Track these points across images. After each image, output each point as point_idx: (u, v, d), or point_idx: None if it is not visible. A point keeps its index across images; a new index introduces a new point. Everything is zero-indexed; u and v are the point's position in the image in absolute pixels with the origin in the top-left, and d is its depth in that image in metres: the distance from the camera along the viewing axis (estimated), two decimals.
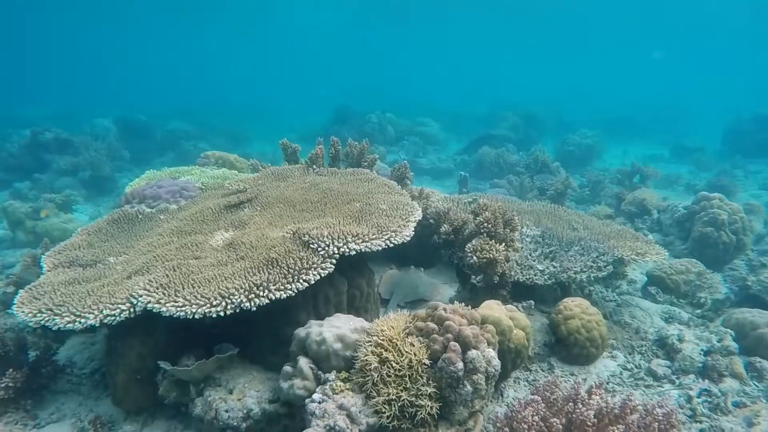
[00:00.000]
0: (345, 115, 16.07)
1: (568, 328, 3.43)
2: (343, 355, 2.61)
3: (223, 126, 16.81)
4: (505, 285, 3.50)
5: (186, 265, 3.03)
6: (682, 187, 10.60)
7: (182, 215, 3.95)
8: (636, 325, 3.96)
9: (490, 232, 3.40)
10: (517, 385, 3.29)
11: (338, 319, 2.78)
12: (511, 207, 4.80)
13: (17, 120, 15.65)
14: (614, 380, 3.33)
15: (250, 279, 2.72)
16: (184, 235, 3.60)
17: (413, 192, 4.59)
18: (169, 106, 21.70)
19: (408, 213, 3.41)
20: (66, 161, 9.06)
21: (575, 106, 23.55)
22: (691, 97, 26.29)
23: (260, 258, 2.91)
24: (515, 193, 8.89)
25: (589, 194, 9.23)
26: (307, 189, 3.92)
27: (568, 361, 3.47)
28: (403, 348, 2.45)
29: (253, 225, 3.52)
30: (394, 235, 3.11)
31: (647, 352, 3.62)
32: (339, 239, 2.93)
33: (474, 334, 2.44)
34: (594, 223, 4.69)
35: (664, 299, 4.53)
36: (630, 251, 3.99)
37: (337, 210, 3.45)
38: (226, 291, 2.65)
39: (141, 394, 2.87)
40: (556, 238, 4.28)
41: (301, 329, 2.76)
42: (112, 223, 4.01)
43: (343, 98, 20.36)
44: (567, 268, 3.84)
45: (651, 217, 6.55)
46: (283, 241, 3.03)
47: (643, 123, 20.40)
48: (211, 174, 5.01)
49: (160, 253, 3.28)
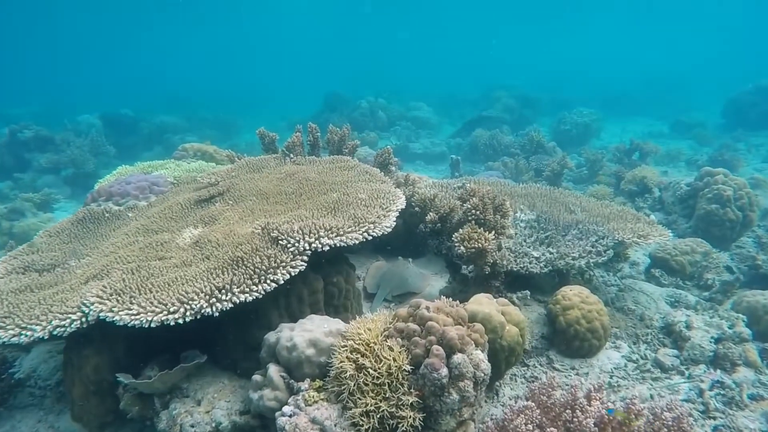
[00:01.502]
0: (335, 102, 15.69)
1: (567, 320, 3.17)
2: (317, 361, 2.36)
3: (213, 118, 16.44)
4: (497, 275, 3.25)
5: (147, 268, 2.77)
6: (683, 162, 10.30)
7: (151, 212, 3.68)
8: (640, 312, 3.72)
9: (478, 220, 3.13)
10: (513, 383, 3.05)
11: (311, 321, 2.52)
12: (503, 190, 4.52)
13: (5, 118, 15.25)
14: (618, 373, 3.09)
15: (213, 281, 2.46)
16: (150, 234, 3.34)
17: (399, 178, 4.32)
18: (157, 100, 21.31)
19: (389, 202, 3.14)
20: (47, 159, 8.75)
21: (571, 85, 23.14)
22: (689, 71, 25.79)
23: (225, 257, 2.65)
24: (510, 175, 8.60)
25: (587, 174, 8.94)
26: (282, 180, 3.64)
27: (568, 354, 3.22)
28: (381, 353, 2.20)
29: (223, 220, 3.25)
30: (372, 226, 2.84)
31: (653, 341, 3.38)
32: (311, 234, 2.66)
33: (460, 335, 2.19)
34: (592, 205, 4.42)
35: (669, 282, 4.29)
36: (631, 234, 3.72)
37: (312, 201, 3.18)
38: (185, 296, 2.39)
39: (101, 409, 2.63)
40: (552, 222, 4.01)
41: (271, 333, 2.51)
42: (77, 223, 3.74)
43: (334, 85, 19.93)
44: (564, 254, 3.58)
45: (652, 195, 6.26)
46: (251, 238, 2.76)
47: (641, 99, 19.99)
48: (186, 167, 4.73)
49: (122, 255, 3.02)
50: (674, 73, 24.65)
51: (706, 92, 19.87)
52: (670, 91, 20.79)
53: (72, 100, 20.34)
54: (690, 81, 23.07)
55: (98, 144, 9.41)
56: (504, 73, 26.56)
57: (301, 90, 24.89)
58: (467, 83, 24.07)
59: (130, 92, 24.29)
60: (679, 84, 22.32)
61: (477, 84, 22.38)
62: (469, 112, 15.77)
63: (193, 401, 2.62)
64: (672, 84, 22.20)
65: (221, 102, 20.34)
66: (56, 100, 20.85)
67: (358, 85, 21.66)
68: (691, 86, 22.04)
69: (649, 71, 25.33)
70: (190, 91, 24.37)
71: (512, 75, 24.93)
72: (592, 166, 8.85)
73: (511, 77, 22.47)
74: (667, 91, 20.92)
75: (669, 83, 22.30)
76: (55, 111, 16.94)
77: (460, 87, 23.34)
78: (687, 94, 20.52)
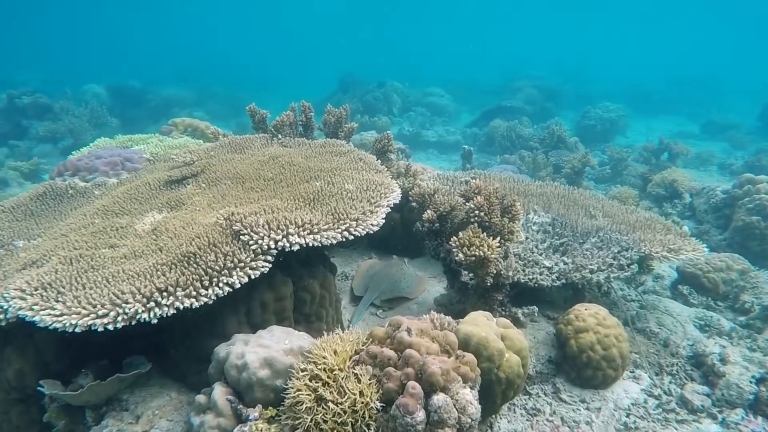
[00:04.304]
0: (350, 83, 15.13)
1: (580, 344, 2.71)
2: (271, 385, 1.95)
3: (224, 93, 16.02)
4: (501, 287, 2.79)
5: (90, 257, 2.38)
6: (715, 166, 9.61)
7: (117, 192, 3.29)
8: (664, 336, 3.23)
9: (482, 222, 2.67)
10: (511, 414, 2.61)
11: (271, 334, 2.11)
12: (515, 188, 4.03)
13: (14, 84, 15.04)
14: (637, 411, 2.63)
15: (155, 281, 2.05)
16: (109, 216, 2.94)
17: (399, 168, 3.86)
18: (170, 72, 20.98)
19: (379, 195, 2.69)
20: (45, 127, 8.43)
21: (596, 80, 22.21)
22: (721, 71, 24.58)
23: (177, 251, 2.24)
24: (527, 170, 8.05)
25: (610, 173, 8.34)
26: (264, 163, 3.21)
27: (579, 383, 2.77)
28: (347, 384, 1.77)
29: (190, 206, 2.84)
30: (354, 224, 2.40)
31: (679, 374, 2.90)
32: (278, 229, 2.23)
33: (444, 369, 1.75)
34: (616, 210, 3.91)
35: (699, 301, 3.79)
36: (660, 246, 3.23)
37: (290, 190, 2.75)
38: (119, 297, 1.99)
39: (24, 420, 2.26)
40: (569, 227, 3.53)
41: (222, 347, 2.10)
42: (36, 199, 3.36)
43: (352, 67, 19.35)
44: (581, 266, 3.10)
45: (682, 201, 5.69)
46: (210, 230, 2.34)
47: (670, 97, 19.06)
48: (169, 143, 4.33)
49: (71, 239, 2.63)
50: (706, 71, 23.54)
51: (741, 93, 18.88)
52: (701, 91, 19.81)
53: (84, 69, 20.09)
54: (722, 81, 21.97)
55: (98, 114, 9.07)
56: (527, 63, 25.62)
57: (318, 71, 24.39)
58: (489, 71, 23.29)
59: (143, 63, 24.05)
60: (711, 83, 21.29)
61: (499, 72, 21.62)
62: (489, 101, 15.07)
63: (131, 416, 2.23)
64: (703, 83, 21.19)
65: (234, 80, 19.91)
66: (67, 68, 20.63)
67: (375, 68, 21.08)
68: (723, 86, 20.97)
69: (679, 69, 24.27)
70: (203, 66, 23.99)
71: (536, 65, 24.00)
72: (616, 165, 8.25)
73: (534, 67, 21.58)
74: (698, 90, 19.95)
75: (700, 82, 21.28)
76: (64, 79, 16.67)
77: (481, 74, 22.60)
78: (719, 94, 19.52)
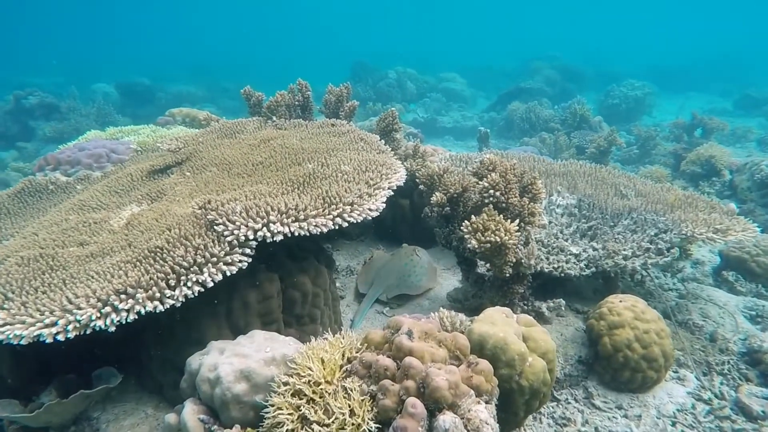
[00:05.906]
0: (362, 71, 14.75)
1: (615, 342, 2.34)
2: (250, 401, 1.65)
3: (235, 88, 15.83)
4: (522, 278, 2.43)
5: (52, 257, 2.12)
6: (753, 142, 8.96)
7: (98, 185, 3.04)
8: (711, 329, 2.83)
9: (498, 203, 2.31)
10: (537, 424, 2.27)
11: (251, 340, 1.80)
12: (536, 167, 3.65)
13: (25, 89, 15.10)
14: (684, 419, 2.25)
15: (113, 281, 1.77)
16: (86, 211, 2.68)
17: (407, 149, 3.52)
18: (181, 69, 20.91)
19: (380, 176, 2.36)
20: (51, 128, 8.32)
21: (618, 59, 21.31)
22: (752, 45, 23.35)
23: (144, 247, 1.95)
24: (548, 152, 7.60)
25: (638, 153, 7.80)
26: (254, 147, 2.91)
27: (614, 387, 2.40)
28: (334, 402, 1.46)
29: (171, 196, 2.56)
30: (349, 209, 2.07)
31: (732, 373, 2.50)
32: (257, 217, 1.92)
33: (452, 382, 1.42)
34: (650, 188, 3.50)
35: (747, 289, 3.36)
36: (705, 227, 2.82)
37: (279, 174, 2.43)
38: (72, 302, 1.71)
39: None
40: (597, 209, 3.14)
41: (195, 357, 1.81)
42: (14, 196, 3.14)
43: (363, 55, 18.94)
44: (613, 252, 2.71)
45: (721, 178, 5.19)
46: (185, 221, 2.05)
47: (697, 74, 18.15)
48: (161, 133, 4.07)
49: (40, 238, 2.38)
50: (735, 46, 22.37)
51: None
52: (731, 67, 18.77)
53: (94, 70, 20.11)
54: (754, 55, 20.83)
55: (105, 113, 8.93)
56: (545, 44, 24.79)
57: (329, 61, 24.00)
58: (505, 55, 22.60)
59: (155, 62, 24.01)
60: (742, 59, 20.18)
61: (516, 56, 20.92)
62: (506, 84, 14.53)
63: None
64: (734, 59, 20.09)
65: (245, 74, 19.69)
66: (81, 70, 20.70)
67: (388, 55, 20.63)
68: (755, 61, 19.86)
69: (706, 44, 23.15)
70: (215, 62, 23.92)
71: (554, 46, 23.16)
72: (643, 144, 7.71)
73: (552, 48, 20.82)
74: (728, 67, 18.91)
75: (731, 58, 20.19)
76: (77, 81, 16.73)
77: (497, 58, 21.93)
78: (750, 70, 18.46)
